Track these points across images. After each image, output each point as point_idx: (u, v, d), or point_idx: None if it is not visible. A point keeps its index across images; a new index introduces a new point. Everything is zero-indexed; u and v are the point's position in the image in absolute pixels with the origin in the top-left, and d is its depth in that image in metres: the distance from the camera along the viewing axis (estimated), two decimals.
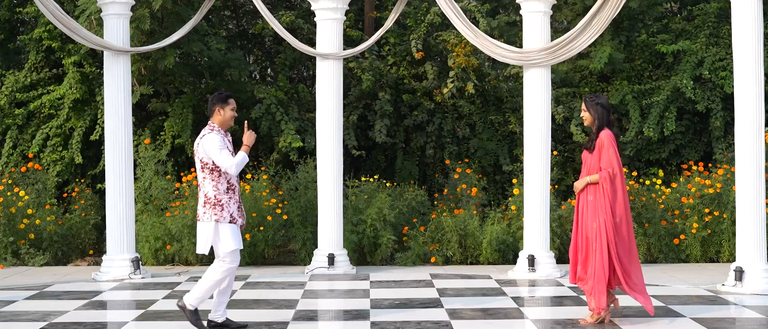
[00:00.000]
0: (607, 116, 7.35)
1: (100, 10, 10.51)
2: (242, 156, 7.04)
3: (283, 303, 8.56)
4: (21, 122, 13.42)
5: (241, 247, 7.15)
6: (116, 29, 10.27)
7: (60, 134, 13.22)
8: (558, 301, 8.69)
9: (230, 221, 7.03)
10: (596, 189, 7.27)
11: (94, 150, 13.25)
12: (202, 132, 7.13)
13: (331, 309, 8.51)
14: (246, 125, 7.39)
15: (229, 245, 7.01)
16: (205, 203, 7.04)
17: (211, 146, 6.98)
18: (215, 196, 7.02)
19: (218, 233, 7.01)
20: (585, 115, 7.41)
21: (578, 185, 7.41)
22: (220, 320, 7.30)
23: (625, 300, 8.43)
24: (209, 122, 7.21)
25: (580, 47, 10.12)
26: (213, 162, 7.01)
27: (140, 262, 10.40)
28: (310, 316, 7.98)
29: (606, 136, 7.27)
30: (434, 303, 8.49)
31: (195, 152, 7.14)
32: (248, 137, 7.18)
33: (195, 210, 11.30)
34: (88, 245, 12.33)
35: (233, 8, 15.44)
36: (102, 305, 8.70)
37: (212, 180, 7.04)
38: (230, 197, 7.08)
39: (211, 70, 13.43)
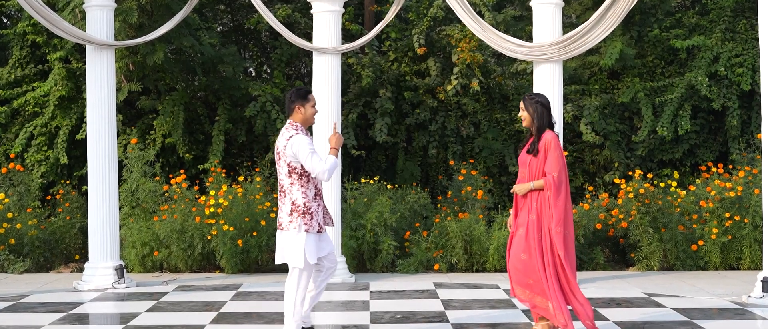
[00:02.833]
0: (548, 115, 6.79)
1: (83, 2, 9.92)
2: (333, 161, 6.50)
3: (276, 316, 7.94)
4: (4, 121, 12.82)
5: (322, 254, 6.69)
6: (99, 22, 9.68)
7: (45, 133, 12.64)
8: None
9: (318, 231, 6.56)
10: (540, 196, 6.70)
11: (80, 150, 12.63)
12: (287, 133, 6.53)
13: (327, 324, 7.89)
14: (334, 126, 6.87)
15: (311, 256, 6.54)
16: (292, 211, 6.50)
17: (301, 149, 6.42)
18: (304, 203, 6.50)
19: (305, 242, 6.51)
20: (523, 114, 6.83)
21: (520, 190, 6.78)
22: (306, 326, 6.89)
23: (641, 315, 7.88)
24: (290, 121, 6.61)
25: (594, 41, 9.54)
26: (302, 166, 6.47)
27: (125, 270, 9.79)
28: None
29: (552, 138, 6.71)
30: (439, 317, 7.90)
31: (279, 155, 6.55)
32: (337, 140, 6.65)
33: (184, 214, 10.75)
34: (74, 250, 11.71)
35: (228, 2, 14.87)
36: (81, 319, 8.08)
37: (301, 186, 6.51)
38: (319, 204, 6.59)
39: (204, 66, 12.85)
